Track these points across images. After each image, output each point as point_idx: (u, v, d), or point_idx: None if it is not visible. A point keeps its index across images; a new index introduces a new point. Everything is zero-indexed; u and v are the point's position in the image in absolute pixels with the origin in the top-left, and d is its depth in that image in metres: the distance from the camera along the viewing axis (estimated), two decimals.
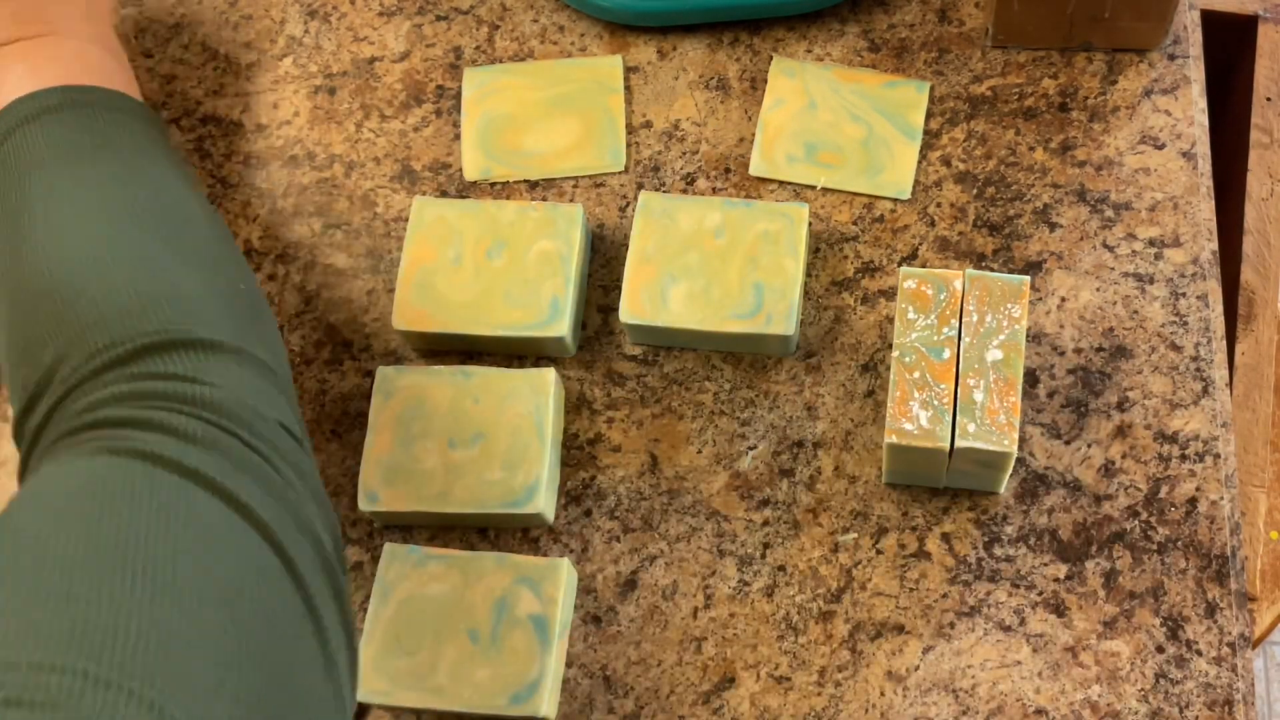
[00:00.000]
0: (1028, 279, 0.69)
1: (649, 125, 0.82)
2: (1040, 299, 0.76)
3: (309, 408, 0.77)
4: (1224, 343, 0.74)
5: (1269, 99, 1.01)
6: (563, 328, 0.74)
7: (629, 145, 0.81)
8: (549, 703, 0.67)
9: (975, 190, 0.79)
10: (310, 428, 0.76)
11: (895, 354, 0.68)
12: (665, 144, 0.81)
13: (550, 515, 0.73)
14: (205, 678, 0.40)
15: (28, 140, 0.60)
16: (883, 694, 0.69)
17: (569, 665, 0.71)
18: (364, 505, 0.71)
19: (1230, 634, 0.69)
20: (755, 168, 0.80)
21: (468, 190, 0.81)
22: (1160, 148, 0.79)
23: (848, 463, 0.73)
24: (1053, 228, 0.77)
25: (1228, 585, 0.70)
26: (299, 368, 0.78)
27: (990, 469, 0.68)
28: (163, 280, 0.53)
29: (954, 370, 0.67)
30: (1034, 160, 0.79)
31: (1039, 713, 0.68)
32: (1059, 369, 0.74)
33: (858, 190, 0.79)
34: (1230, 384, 0.81)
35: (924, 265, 0.77)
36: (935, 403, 0.67)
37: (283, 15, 0.87)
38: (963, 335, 0.68)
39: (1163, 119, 0.79)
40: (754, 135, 0.81)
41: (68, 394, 0.49)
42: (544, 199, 0.81)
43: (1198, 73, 0.80)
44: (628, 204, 0.80)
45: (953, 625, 0.70)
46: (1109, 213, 0.77)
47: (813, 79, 0.81)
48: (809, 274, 0.77)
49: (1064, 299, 0.76)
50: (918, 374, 0.67)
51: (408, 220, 0.78)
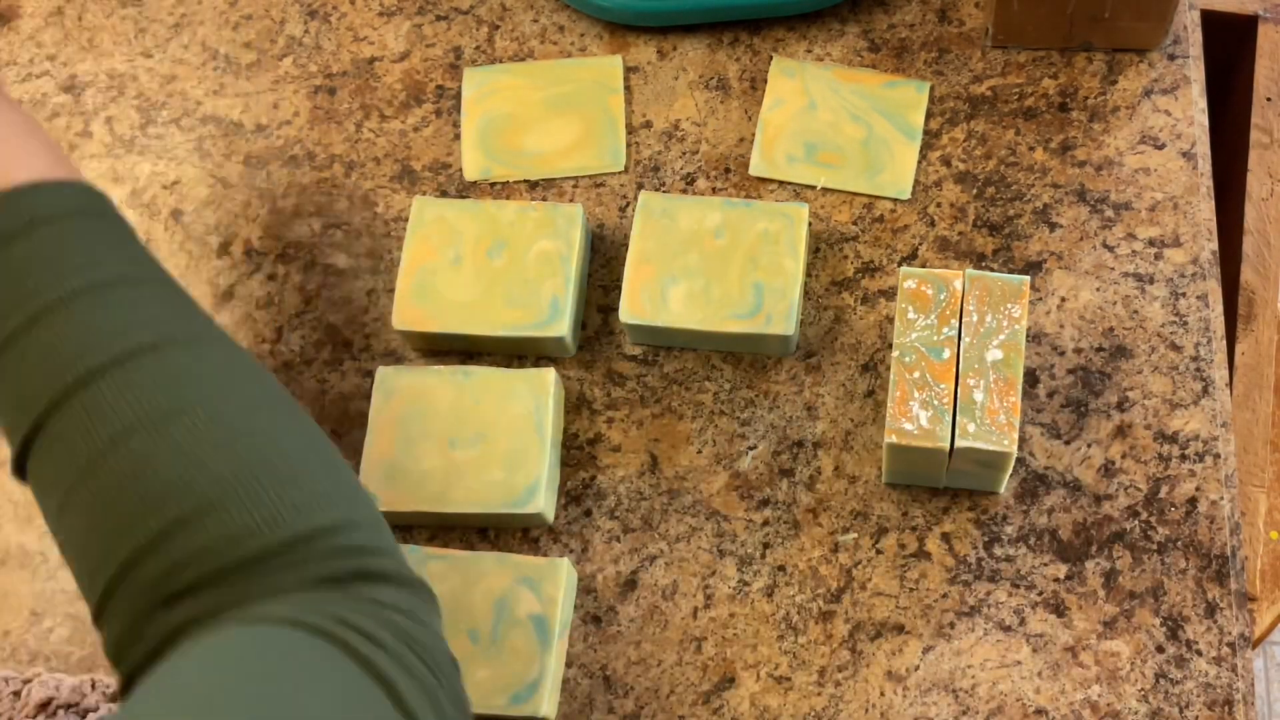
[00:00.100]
0: (1028, 279, 0.69)
1: (649, 125, 0.82)
2: (1040, 299, 0.76)
3: (309, 407, 0.77)
4: (1224, 343, 0.74)
5: (1269, 99, 1.01)
6: (563, 328, 0.74)
7: (629, 145, 0.81)
8: (549, 703, 0.67)
9: (975, 190, 0.79)
10: None
11: (895, 354, 0.68)
12: (665, 144, 0.81)
13: (550, 515, 0.73)
14: None
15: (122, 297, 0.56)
16: (883, 694, 0.69)
17: (569, 665, 0.71)
18: None
19: (1230, 634, 0.69)
20: (755, 168, 0.80)
21: (468, 190, 0.81)
22: (1160, 148, 0.79)
23: (848, 463, 0.73)
24: (1053, 228, 0.77)
25: (1228, 585, 0.70)
26: (299, 368, 0.78)
27: (990, 469, 0.68)
28: (341, 486, 0.54)
29: (954, 370, 0.67)
30: (1034, 160, 0.79)
31: (1039, 713, 0.68)
32: (1059, 369, 0.74)
33: (858, 190, 0.79)
34: (1230, 384, 0.81)
35: (924, 265, 0.77)
36: (935, 403, 0.67)
37: (283, 15, 0.87)
38: (963, 335, 0.68)
39: (1163, 119, 0.79)
40: (754, 135, 0.81)
41: (254, 595, 0.51)
42: (544, 199, 0.80)
43: (1198, 73, 0.80)
44: (628, 204, 0.80)
45: (953, 625, 0.70)
46: (1109, 213, 0.77)
47: (813, 79, 0.81)
48: (809, 274, 0.77)
49: (1064, 299, 0.76)
50: (918, 374, 0.67)
51: (408, 220, 0.78)
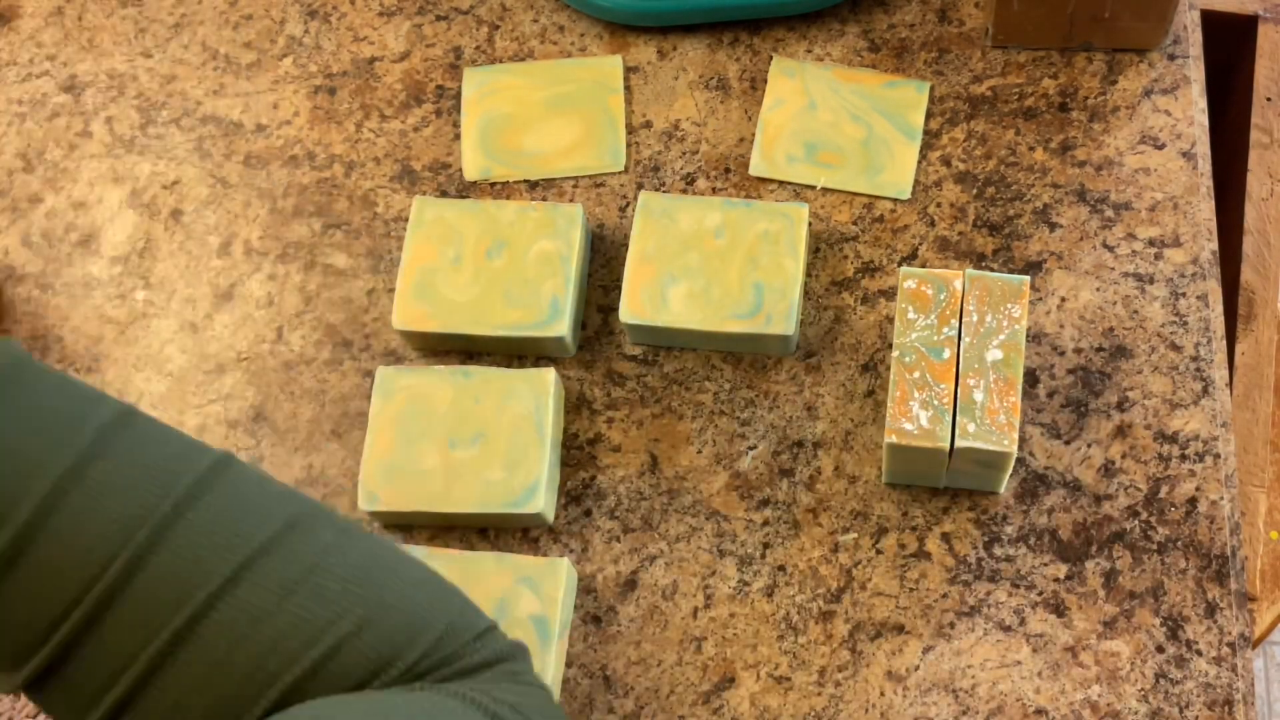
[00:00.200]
0: (1028, 279, 0.69)
1: (649, 125, 0.82)
2: (1040, 299, 0.76)
3: (309, 407, 0.77)
4: (1224, 343, 0.74)
5: (1269, 99, 1.01)
6: (563, 328, 0.74)
7: (629, 145, 0.81)
8: None
9: (975, 190, 0.79)
10: (310, 428, 0.76)
11: (895, 354, 0.68)
12: (665, 144, 0.81)
13: (550, 515, 0.73)
14: None
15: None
16: (883, 694, 0.69)
17: (569, 665, 0.70)
18: (364, 505, 0.71)
19: (1230, 634, 0.69)
20: (755, 168, 0.80)
21: (468, 190, 0.81)
22: (1160, 148, 0.79)
23: (848, 463, 0.73)
24: (1053, 228, 0.77)
25: (1228, 585, 0.70)
26: (299, 368, 0.78)
27: (990, 469, 0.68)
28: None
29: (954, 370, 0.67)
30: (1034, 160, 0.79)
31: (1039, 713, 0.68)
32: (1059, 369, 0.74)
33: (858, 190, 0.79)
34: (1230, 384, 0.81)
35: (924, 265, 0.77)
36: (935, 403, 0.67)
37: (283, 15, 0.87)
38: (963, 335, 0.68)
39: (1163, 119, 0.79)
40: (754, 135, 0.81)
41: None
42: (544, 199, 0.80)
43: (1198, 73, 0.80)
44: (628, 204, 0.80)
45: (953, 625, 0.70)
46: (1109, 213, 0.77)
47: (813, 79, 0.81)
48: (809, 274, 0.77)
49: (1064, 299, 0.76)
50: (918, 374, 0.67)
51: (408, 220, 0.78)
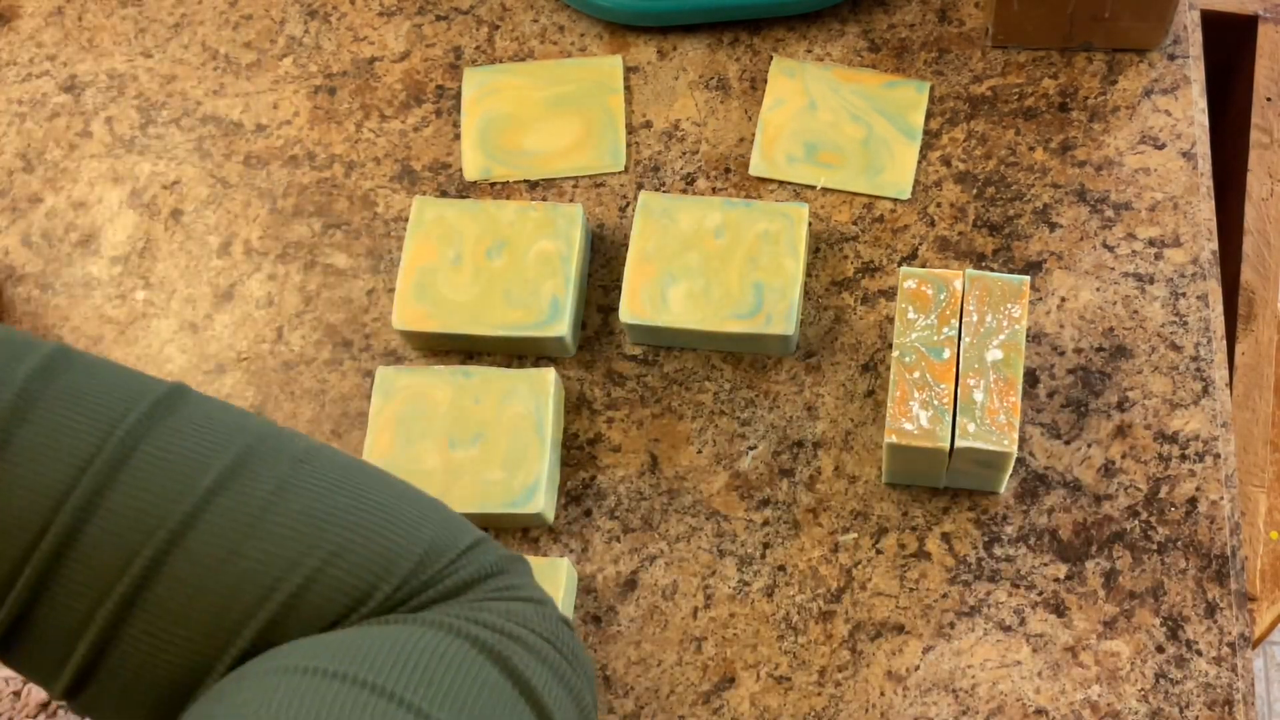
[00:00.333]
0: (1028, 279, 0.69)
1: (649, 125, 0.82)
2: (1040, 299, 0.76)
3: (309, 407, 0.77)
4: (1224, 343, 0.74)
5: (1269, 99, 1.01)
6: (563, 328, 0.74)
7: (629, 145, 0.81)
8: None
9: (975, 190, 0.79)
10: (310, 428, 0.76)
11: (895, 354, 0.68)
12: (665, 144, 0.81)
13: (550, 515, 0.73)
14: None
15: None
16: (883, 694, 0.69)
17: None
18: None
19: (1230, 634, 0.69)
20: (755, 168, 0.80)
21: (468, 190, 0.81)
22: (1160, 148, 0.79)
23: (848, 463, 0.73)
24: (1053, 228, 0.77)
25: (1228, 585, 0.70)
26: (299, 368, 0.78)
27: (990, 469, 0.68)
28: (419, 505, 0.55)
29: (954, 370, 0.67)
30: (1034, 160, 0.79)
31: (1039, 713, 0.68)
32: (1059, 369, 0.74)
33: (858, 190, 0.79)
34: (1230, 384, 0.81)
35: (924, 265, 0.77)
36: (935, 403, 0.67)
37: (283, 15, 0.87)
38: (963, 335, 0.68)
39: (1163, 119, 0.79)
40: (754, 135, 0.81)
41: (406, 600, 0.52)
42: (544, 199, 0.80)
43: (1198, 73, 0.80)
44: (628, 204, 0.80)
45: (953, 625, 0.70)
46: (1109, 213, 0.77)
47: (813, 79, 0.81)
48: (809, 274, 0.77)
49: (1064, 299, 0.76)
50: (918, 374, 0.67)
51: (408, 220, 0.78)
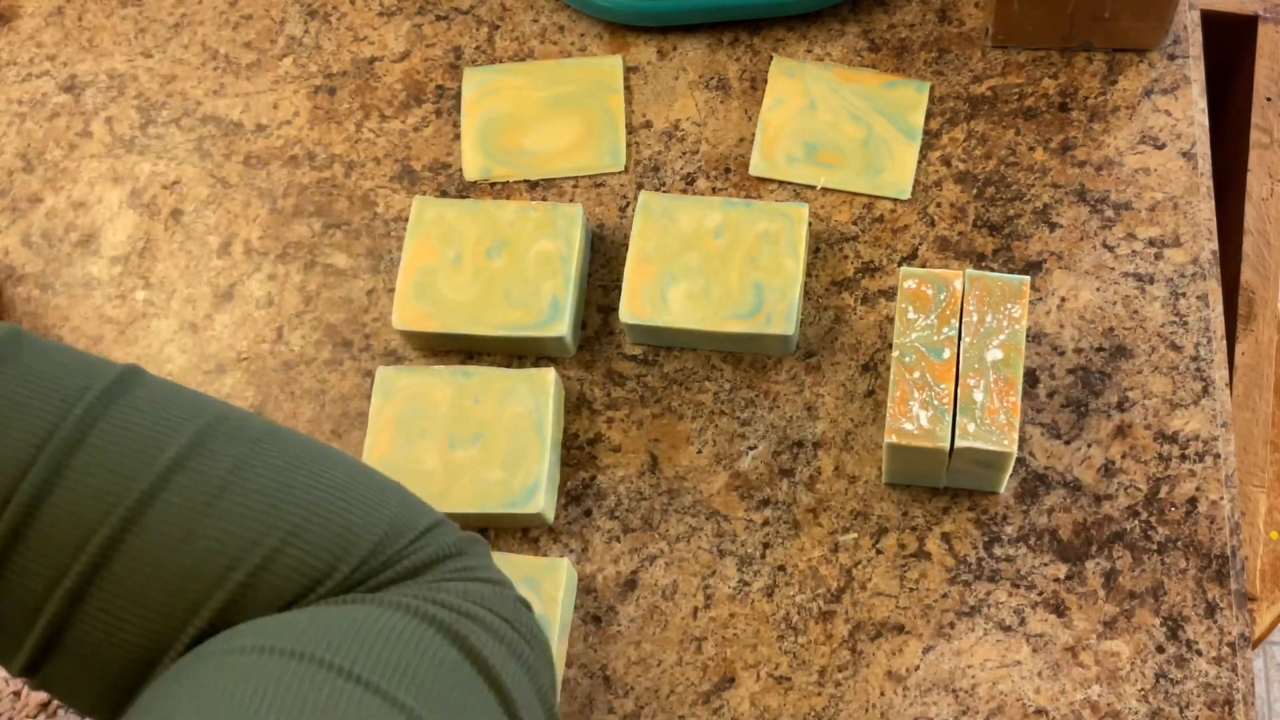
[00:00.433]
0: (1028, 279, 0.69)
1: (649, 125, 0.82)
2: (1040, 299, 0.76)
3: (309, 407, 0.77)
4: (1224, 343, 0.74)
5: (1269, 99, 1.01)
6: (563, 328, 0.74)
7: (629, 145, 0.81)
8: None
9: (975, 190, 0.79)
10: (310, 428, 0.76)
11: (895, 354, 0.68)
12: (665, 144, 0.81)
13: (550, 515, 0.73)
14: None
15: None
16: (883, 694, 0.69)
17: (569, 665, 0.70)
18: None
19: (1230, 634, 0.69)
20: (755, 168, 0.80)
21: (468, 190, 0.81)
22: (1160, 148, 0.79)
23: (848, 463, 0.73)
24: (1053, 228, 0.77)
25: (1228, 585, 0.70)
26: (299, 368, 0.78)
27: (990, 469, 0.68)
28: (377, 487, 0.55)
29: (954, 370, 0.67)
30: (1034, 160, 0.79)
31: (1039, 713, 0.68)
32: (1059, 369, 0.74)
33: (858, 190, 0.79)
34: (1230, 384, 0.81)
35: (924, 265, 0.77)
36: (935, 403, 0.67)
37: (283, 15, 0.87)
38: (963, 335, 0.68)
39: (1163, 119, 0.79)
40: (754, 135, 0.81)
41: (362, 582, 0.52)
42: (544, 199, 0.80)
43: (1198, 73, 0.80)
44: (628, 204, 0.80)
45: (953, 625, 0.70)
46: (1109, 213, 0.77)
47: (813, 79, 0.81)
48: (809, 274, 0.77)
49: (1064, 299, 0.76)
50: (918, 374, 0.67)
51: (408, 220, 0.78)
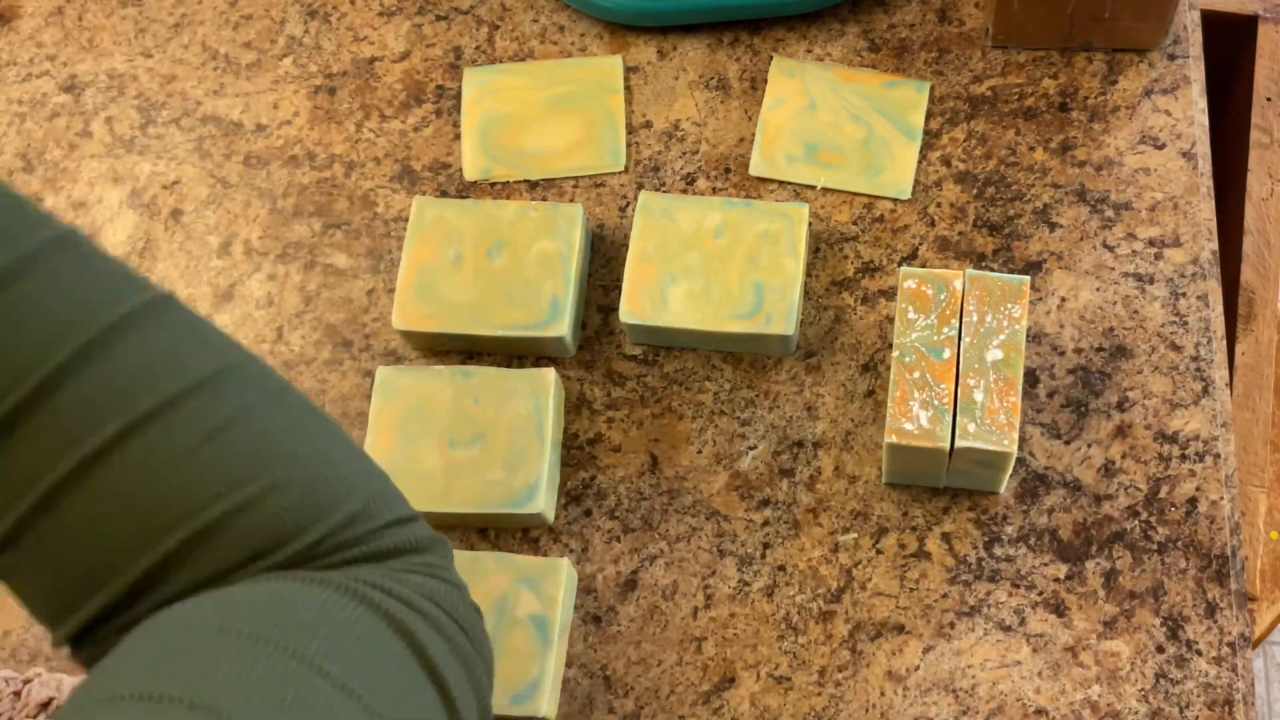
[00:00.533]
0: (1028, 279, 0.69)
1: (649, 125, 0.82)
2: (1040, 299, 0.76)
3: None
4: (1224, 343, 0.74)
5: (1269, 99, 1.01)
6: (563, 328, 0.74)
7: (629, 145, 0.81)
8: (549, 703, 0.67)
9: (975, 190, 0.79)
10: None
11: (895, 354, 0.68)
12: (665, 144, 0.81)
13: (550, 515, 0.73)
14: None
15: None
16: (883, 694, 0.69)
17: (569, 665, 0.70)
18: None
19: (1230, 634, 0.69)
20: (755, 168, 0.80)
21: (468, 190, 0.81)
22: (1160, 148, 0.79)
23: (848, 463, 0.73)
24: (1053, 228, 0.77)
25: (1228, 585, 0.70)
26: (299, 368, 0.78)
27: (990, 469, 0.68)
28: (364, 468, 0.54)
29: (954, 370, 0.67)
30: (1034, 160, 0.79)
31: (1039, 713, 0.68)
32: (1059, 369, 0.74)
33: (858, 190, 0.79)
34: (1230, 384, 0.81)
35: (924, 265, 0.77)
36: (935, 403, 0.67)
37: (283, 15, 0.87)
38: (963, 335, 0.68)
39: (1163, 119, 0.79)
40: (754, 135, 0.81)
41: (308, 560, 0.51)
42: (544, 199, 0.80)
43: (1198, 73, 0.80)
44: (628, 204, 0.80)
45: (953, 625, 0.70)
46: (1109, 213, 0.77)
47: (813, 79, 0.81)
48: (809, 274, 0.77)
49: (1064, 299, 0.76)
50: (918, 374, 0.67)
51: (408, 220, 0.78)
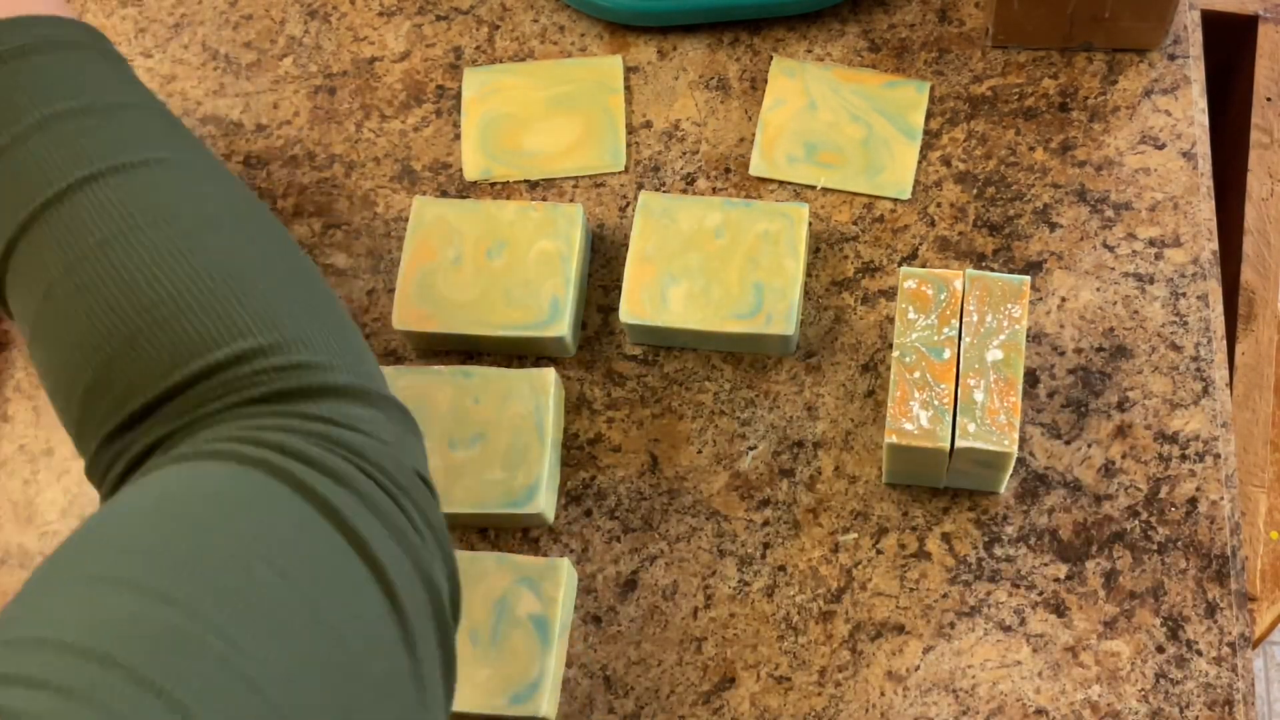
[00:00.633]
0: (1028, 279, 0.69)
1: (649, 125, 0.82)
2: (1040, 299, 0.76)
3: None
4: (1224, 343, 0.74)
5: (1269, 99, 1.01)
6: (563, 328, 0.74)
7: (629, 145, 0.81)
8: (549, 703, 0.67)
9: (975, 190, 0.79)
10: None
11: (895, 354, 0.68)
12: (665, 144, 0.81)
13: (550, 515, 0.73)
14: (258, 705, 0.39)
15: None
16: (883, 694, 0.69)
17: (569, 665, 0.71)
18: None
19: (1230, 634, 0.69)
20: (755, 168, 0.80)
21: (468, 190, 0.81)
22: (1160, 148, 0.79)
23: (848, 463, 0.73)
24: (1053, 228, 0.77)
25: (1228, 585, 0.70)
26: None
27: (990, 469, 0.68)
28: (295, 309, 0.51)
29: (954, 370, 0.67)
30: (1034, 160, 0.79)
31: (1039, 713, 0.68)
32: (1059, 369, 0.74)
33: (858, 190, 0.79)
34: (1230, 384, 0.81)
35: (924, 265, 0.77)
36: (935, 403, 0.67)
37: (283, 15, 0.87)
38: (963, 335, 0.68)
39: (1163, 119, 0.79)
40: (754, 135, 0.81)
41: (199, 419, 0.48)
42: (544, 199, 0.80)
43: (1198, 73, 0.80)
44: (628, 204, 0.80)
45: (953, 625, 0.70)
46: (1109, 213, 0.77)
47: (813, 79, 0.81)
48: (809, 274, 0.77)
49: (1064, 299, 0.76)
50: (918, 374, 0.67)
51: (408, 220, 0.78)
